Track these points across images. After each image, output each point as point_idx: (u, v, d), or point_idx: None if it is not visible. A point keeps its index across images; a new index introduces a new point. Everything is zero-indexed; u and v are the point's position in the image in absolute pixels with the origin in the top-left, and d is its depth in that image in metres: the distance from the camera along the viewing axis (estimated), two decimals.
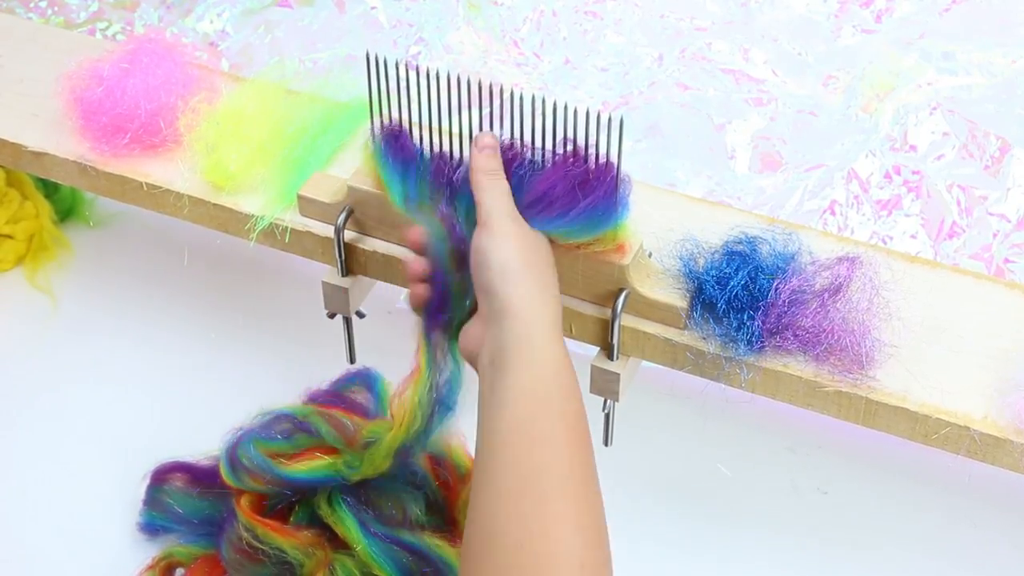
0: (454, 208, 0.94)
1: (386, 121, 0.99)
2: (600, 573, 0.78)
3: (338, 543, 1.02)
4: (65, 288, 1.34)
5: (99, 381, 1.24)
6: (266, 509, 1.04)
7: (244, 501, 1.03)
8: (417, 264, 0.94)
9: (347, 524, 1.01)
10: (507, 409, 0.82)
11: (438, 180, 0.97)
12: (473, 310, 0.92)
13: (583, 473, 0.81)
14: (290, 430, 1.06)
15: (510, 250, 0.87)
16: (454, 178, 0.96)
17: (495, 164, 0.92)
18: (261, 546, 1.00)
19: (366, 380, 1.15)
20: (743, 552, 1.10)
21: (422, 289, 0.94)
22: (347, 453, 1.03)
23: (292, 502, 1.04)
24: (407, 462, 1.01)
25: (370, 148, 1.01)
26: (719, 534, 1.11)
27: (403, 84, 0.97)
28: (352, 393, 1.14)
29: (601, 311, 1.00)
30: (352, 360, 1.14)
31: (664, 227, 1.04)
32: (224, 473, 1.04)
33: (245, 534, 1.01)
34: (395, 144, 0.99)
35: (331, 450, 1.04)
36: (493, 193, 0.90)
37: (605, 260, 0.97)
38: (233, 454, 1.04)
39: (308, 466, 1.03)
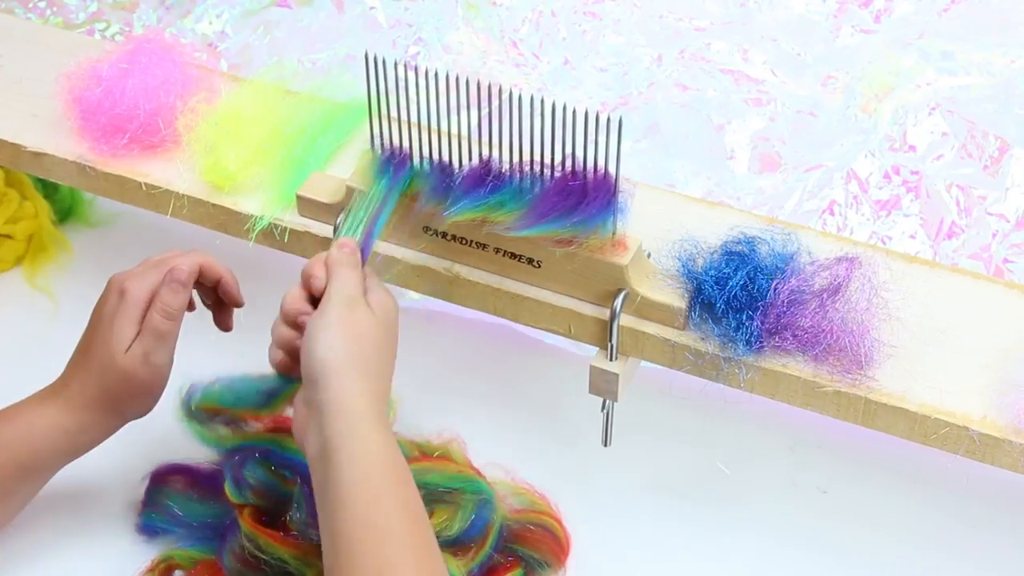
0: None
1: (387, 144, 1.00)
2: None
3: None
4: (64, 288, 1.34)
5: None
6: (267, 519, 1.03)
7: (247, 512, 1.02)
8: (284, 331, 0.95)
9: None
10: (346, 509, 0.83)
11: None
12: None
13: (430, 560, 0.83)
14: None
15: (333, 339, 0.88)
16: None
17: (351, 258, 0.94)
18: (263, 556, 1.00)
19: None
20: (743, 551, 1.10)
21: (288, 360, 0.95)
22: None
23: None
24: None
25: (370, 156, 1.01)
26: (719, 533, 1.11)
27: (402, 84, 0.97)
28: None
29: (600, 311, 1.00)
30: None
31: (663, 227, 1.04)
32: (229, 491, 1.03)
33: (247, 544, 1.00)
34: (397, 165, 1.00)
35: None
36: (338, 281, 0.92)
37: (604, 260, 0.97)
38: (238, 474, 1.03)
39: None
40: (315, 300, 0.93)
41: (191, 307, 1.06)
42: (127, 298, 0.99)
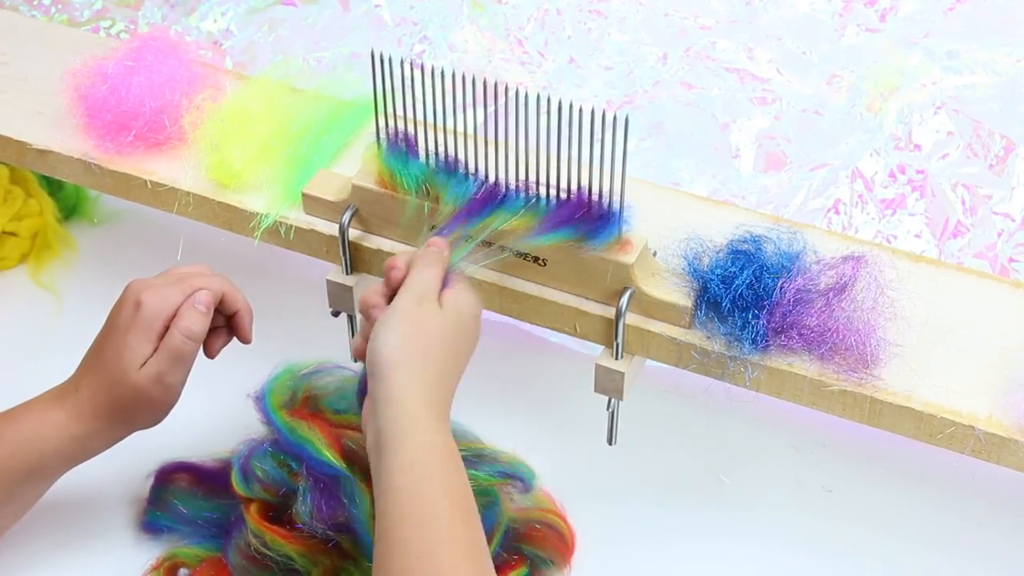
0: None
1: (391, 126, 0.99)
2: None
3: (345, 551, 1.01)
4: (69, 286, 1.34)
5: None
6: (273, 515, 1.03)
7: (253, 508, 1.02)
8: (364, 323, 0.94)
9: (353, 536, 1.00)
10: (391, 492, 0.83)
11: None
12: None
13: (472, 545, 0.83)
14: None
15: (394, 334, 0.88)
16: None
17: (433, 256, 0.93)
18: (269, 553, 1.00)
19: None
20: (747, 550, 1.10)
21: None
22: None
23: None
24: None
25: (375, 150, 1.01)
26: (723, 532, 1.11)
27: (407, 82, 0.97)
28: None
29: (606, 310, 1.00)
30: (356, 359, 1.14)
31: (669, 226, 1.04)
32: (236, 483, 1.03)
33: (254, 540, 1.00)
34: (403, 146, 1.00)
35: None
36: (411, 277, 0.92)
37: (610, 259, 0.97)
38: (246, 464, 1.03)
39: None
40: (394, 294, 0.93)
41: None
42: (143, 312, 0.97)
